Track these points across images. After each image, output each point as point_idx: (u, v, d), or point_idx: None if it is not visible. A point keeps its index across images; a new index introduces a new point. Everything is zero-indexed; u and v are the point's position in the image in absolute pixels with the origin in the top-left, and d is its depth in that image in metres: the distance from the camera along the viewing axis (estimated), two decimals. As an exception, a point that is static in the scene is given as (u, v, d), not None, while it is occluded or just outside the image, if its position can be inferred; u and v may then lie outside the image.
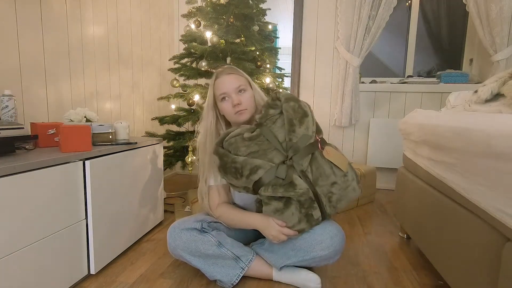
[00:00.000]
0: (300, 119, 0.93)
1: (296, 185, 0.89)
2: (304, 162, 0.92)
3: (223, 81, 1.07)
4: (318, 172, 0.93)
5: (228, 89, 1.05)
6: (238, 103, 1.04)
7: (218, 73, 1.10)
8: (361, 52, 2.18)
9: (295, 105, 0.94)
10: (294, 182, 0.89)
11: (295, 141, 0.92)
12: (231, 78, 1.07)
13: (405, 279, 1.11)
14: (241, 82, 1.07)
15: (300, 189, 0.89)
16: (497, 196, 0.67)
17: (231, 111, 1.06)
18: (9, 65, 1.19)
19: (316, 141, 0.95)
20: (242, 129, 0.98)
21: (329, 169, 0.94)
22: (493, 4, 1.93)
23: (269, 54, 1.95)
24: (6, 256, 0.77)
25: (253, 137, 0.93)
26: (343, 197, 0.96)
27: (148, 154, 1.40)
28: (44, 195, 0.88)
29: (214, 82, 1.09)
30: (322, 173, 0.93)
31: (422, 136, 1.13)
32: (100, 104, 1.73)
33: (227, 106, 1.06)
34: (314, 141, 0.94)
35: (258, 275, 1.07)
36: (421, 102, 2.30)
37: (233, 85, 1.06)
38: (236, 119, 1.07)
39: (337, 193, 0.94)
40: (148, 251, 1.29)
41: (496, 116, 0.77)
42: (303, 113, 0.94)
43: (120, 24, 1.88)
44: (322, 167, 0.94)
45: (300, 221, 0.94)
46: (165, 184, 1.98)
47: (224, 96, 1.06)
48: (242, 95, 1.06)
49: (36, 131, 1.09)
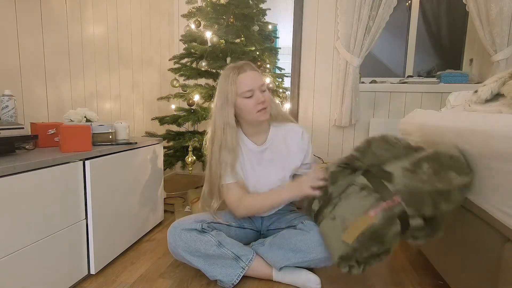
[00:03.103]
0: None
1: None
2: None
3: (248, 77, 1.03)
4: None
5: (254, 85, 1.02)
6: (263, 100, 1.02)
7: (239, 68, 1.04)
8: (361, 52, 2.18)
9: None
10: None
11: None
12: (257, 75, 1.04)
13: (405, 279, 1.11)
14: (263, 81, 1.06)
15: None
16: (497, 196, 0.67)
17: (253, 109, 1.03)
18: (9, 65, 1.19)
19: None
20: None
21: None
22: (493, 4, 1.93)
23: (269, 54, 1.95)
24: (6, 256, 0.77)
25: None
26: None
27: (148, 154, 1.40)
28: (44, 195, 0.88)
29: (236, 77, 1.03)
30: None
31: (422, 136, 1.13)
32: (100, 104, 1.73)
33: (250, 103, 1.03)
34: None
35: (258, 275, 1.07)
36: (421, 102, 2.30)
37: (259, 82, 1.04)
38: (256, 117, 1.05)
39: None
40: (148, 251, 1.29)
41: (496, 116, 0.77)
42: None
43: (120, 24, 1.87)
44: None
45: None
46: (165, 184, 1.98)
47: (251, 94, 1.02)
48: (265, 94, 1.05)
49: (36, 131, 1.09)
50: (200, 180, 2.40)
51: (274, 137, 1.16)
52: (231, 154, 1.07)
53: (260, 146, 1.15)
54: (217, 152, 1.07)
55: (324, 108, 2.42)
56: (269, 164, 1.14)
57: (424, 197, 0.78)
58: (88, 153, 1.04)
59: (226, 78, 1.05)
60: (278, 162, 1.13)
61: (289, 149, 1.15)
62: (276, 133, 1.16)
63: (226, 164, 1.07)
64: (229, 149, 1.06)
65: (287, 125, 1.18)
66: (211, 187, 1.12)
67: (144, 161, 1.37)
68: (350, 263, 0.88)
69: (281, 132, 1.16)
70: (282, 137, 1.16)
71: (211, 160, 1.11)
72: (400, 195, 0.80)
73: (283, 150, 1.15)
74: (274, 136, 1.16)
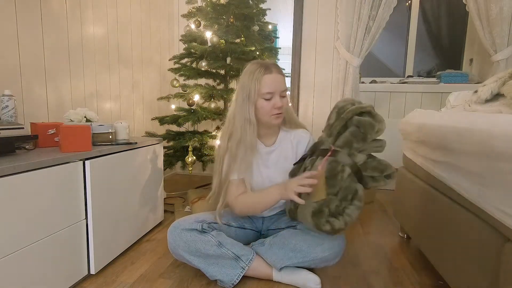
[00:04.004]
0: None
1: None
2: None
3: (274, 80, 1.02)
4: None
5: (276, 89, 1.02)
6: (280, 106, 1.02)
7: (266, 67, 1.03)
8: (361, 52, 2.18)
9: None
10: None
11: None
12: (282, 78, 1.04)
13: (405, 279, 1.11)
14: (285, 86, 1.06)
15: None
16: (497, 196, 0.67)
17: (268, 112, 1.03)
18: (9, 65, 1.19)
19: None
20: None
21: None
22: (493, 4, 1.93)
23: (269, 54, 1.95)
24: (6, 256, 0.77)
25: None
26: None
27: (148, 154, 1.40)
28: (44, 195, 0.88)
29: (262, 76, 1.01)
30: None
31: (422, 136, 1.13)
32: (100, 104, 1.73)
33: (268, 105, 1.03)
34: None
35: (258, 275, 1.07)
36: (421, 102, 2.30)
37: (282, 87, 1.03)
38: (270, 120, 1.06)
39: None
40: (148, 251, 1.29)
41: (496, 116, 0.77)
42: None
43: (120, 24, 1.87)
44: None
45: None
46: (165, 184, 1.98)
47: (270, 97, 1.02)
48: (283, 99, 1.05)
49: (36, 131, 1.09)
50: (200, 180, 2.41)
51: (282, 140, 1.16)
52: (249, 152, 1.06)
53: (268, 148, 1.15)
54: (234, 147, 1.06)
55: (324, 108, 2.42)
56: (275, 166, 1.14)
57: (346, 135, 0.96)
58: (88, 153, 1.04)
59: (251, 74, 1.03)
60: (284, 165, 1.13)
61: (296, 153, 1.15)
62: (285, 137, 1.16)
63: (241, 160, 1.06)
64: (247, 146, 1.05)
65: (297, 130, 1.18)
66: (221, 184, 1.11)
67: (144, 161, 1.37)
68: (325, 218, 0.91)
69: (289, 137, 1.17)
70: (290, 141, 1.16)
71: (224, 155, 1.09)
72: (333, 145, 0.98)
73: (290, 154, 1.15)
74: (282, 139, 1.16)
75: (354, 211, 0.93)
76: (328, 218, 0.92)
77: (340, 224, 0.91)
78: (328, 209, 0.92)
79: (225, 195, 1.11)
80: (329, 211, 0.92)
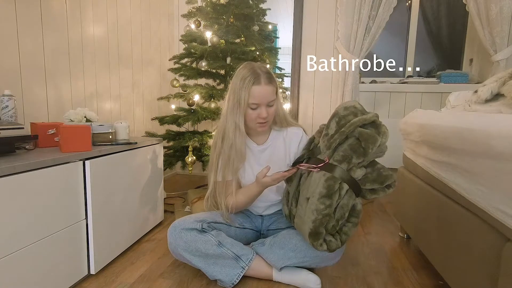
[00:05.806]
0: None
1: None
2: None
3: (261, 92, 1.03)
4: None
5: (262, 101, 1.04)
6: (265, 116, 1.05)
7: (255, 77, 1.03)
8: (361, 52, 2.18)
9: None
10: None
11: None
12: (269, 91, 1.05)
13: (405, 279, 1.11)
14: (274, 96, 1.07)
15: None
16: (497, 196, 0.67)
17: (253, 120, 1.07)
18: (9, 65, 1.19)
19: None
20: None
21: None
22: (493, 4, 1.93)
23: (269, 54, 1.95)
24: (6, 256, 0.77)
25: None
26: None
27: (148, 154, 1.40)
28: (44, 195, 0.88)
29: (251, 86, 1.02)
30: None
31: (422, 136, 1.13)
32: (100, 104, 1.73)
33: (253, 114, 1.06)
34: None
35: (258, 275, 1.07)
36: (421, 102, 2.30)
37: (268, 98, 1.05)
38: (255, 127, 1.10)
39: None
40: (148, 251, 1.29)
41: (496, 116, 0.77)
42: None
43: (120, 24, 1.87)
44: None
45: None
46: (165, 184, 1.98)
47: (256, 107, 1.05)
48: (270, 109, 1.07)
49: (36, 131, 1.09)
50: (200, 180, 2.41)
51: (274, 138, 1.18)
52: (238, 157, 1.09)
53: (260, 146, 1.17)
54: (226, 150, 1.09)
55: (324, 108, 2.42)
56: (267, 164, 1.15)
57: (346, 148, 0.90)
58: (88, 153, 1.04)
59: (242, 81, 1.04)
60: (276, 162, 1.14)
61: (289, 150, 1.17)
62: (277, 135, 1.19)
63: (232, 163, 1.09)
64: (237, 152, 1.08)
65: (289, 128, 1.19)
66: (216, 185, 1.13)
67: (144, 161, 1.37)
68: (322, 238, 0.90)
69: (282, 134, 1.19)
70: (283, 139, 1.18)
71: (219, 155, 1.11)
72: (331, 158, 0.92)
73: (282, 151, 1.17)
74: (274, 137, 1.18)
75: (351, 229, 0.93)
76: (325, 237, 0.91)
77: (337, 244, 0.92)
78: (325, 230, 0.90)
79: (219, 194, 1.13)
80: (326, 231, 0.91)
